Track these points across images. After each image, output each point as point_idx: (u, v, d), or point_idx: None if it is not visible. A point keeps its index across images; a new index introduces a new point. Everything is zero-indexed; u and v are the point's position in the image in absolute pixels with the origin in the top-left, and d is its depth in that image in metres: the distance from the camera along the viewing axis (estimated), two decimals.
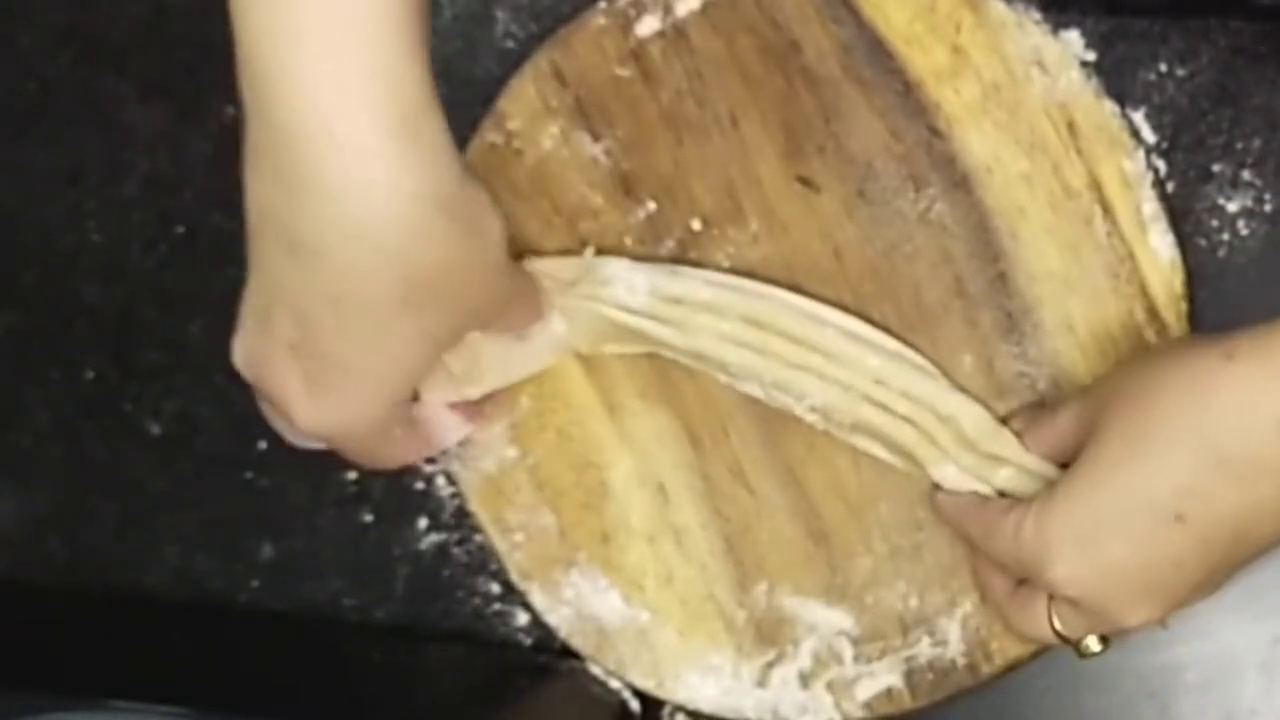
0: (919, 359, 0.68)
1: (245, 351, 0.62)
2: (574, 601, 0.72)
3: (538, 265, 0.69)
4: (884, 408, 0.67)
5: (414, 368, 0.61)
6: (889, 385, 0.67)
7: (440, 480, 0.74)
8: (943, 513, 0.67)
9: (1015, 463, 0.66)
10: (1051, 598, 0.62)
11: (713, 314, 0.68)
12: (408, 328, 0.59)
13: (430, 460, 0.74)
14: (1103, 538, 0.59)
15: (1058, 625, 0.62)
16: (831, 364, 0.67)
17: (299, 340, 0.59)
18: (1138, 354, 0.66)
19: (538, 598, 0.72)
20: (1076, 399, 0.64)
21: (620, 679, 0.72)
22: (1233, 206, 0.69)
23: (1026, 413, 0.67)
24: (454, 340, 0.62)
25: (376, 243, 0.56)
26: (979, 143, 0.69)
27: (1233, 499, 0.58)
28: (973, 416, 0.67)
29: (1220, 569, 0.60)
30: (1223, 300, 0.68)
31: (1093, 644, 0.63)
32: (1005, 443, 0.66)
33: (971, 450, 0.66)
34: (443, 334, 0.60)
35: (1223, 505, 0.58)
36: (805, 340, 0.67)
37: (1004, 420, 0.67)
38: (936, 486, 0.67)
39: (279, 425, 0.66)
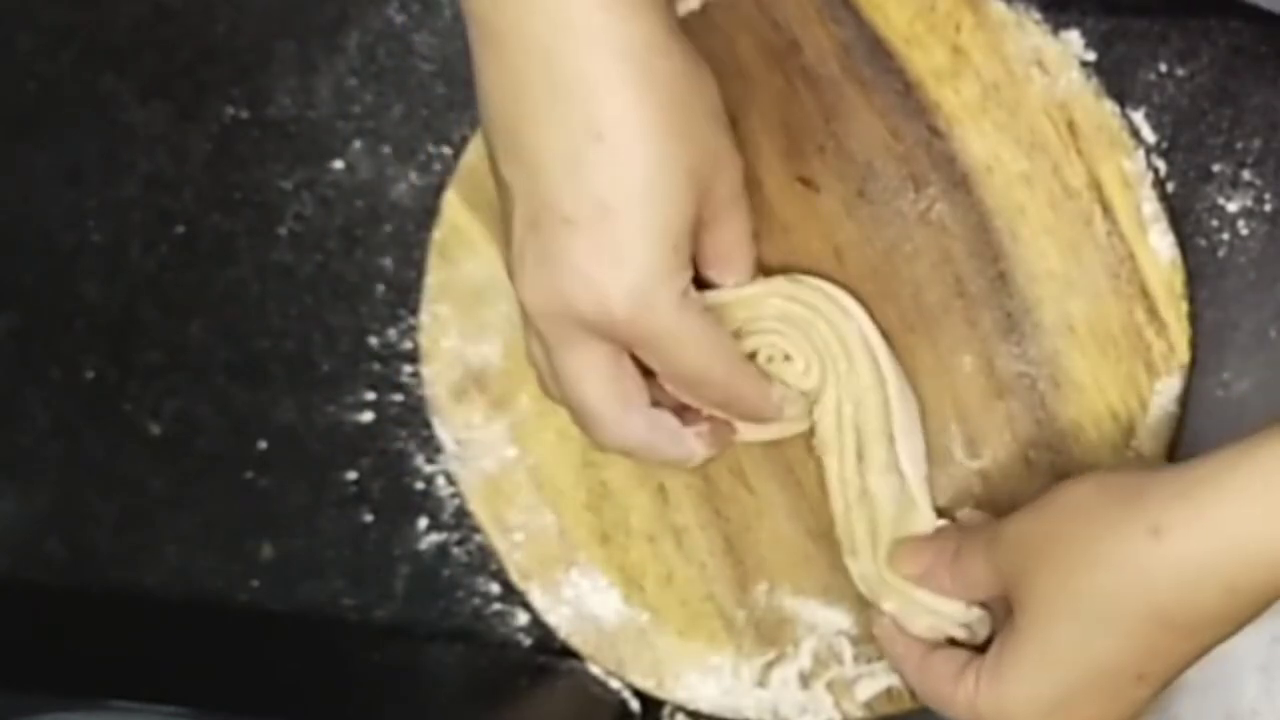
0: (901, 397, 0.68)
1: (536, 285, 0.61)
2: (574, 601, 0.72)
3: None
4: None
5: (680, 203, 0.60)
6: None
7: (440, 480, 0.74)
8: (880, 642, 0.67)
9: (903, 595, 0.66)
10: None
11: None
12: (667, 152, 0.59)
13: (430, 460, 0.74)
14: (1073, 705, 0.60)
15: None
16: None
17: (573, 208, 0.59)
18: (1043, 500, 0.62)
19: (538, 598, 0.72)
20: (983, 543, 0.63)
21: (620, 679, 0.72)
22: (1233, 206, 0.69)
23: (923, 546, 0.66)
24: (699, 181, 0.60)
25: (626, 58, 0.58)
26: (979, 143, 0.69)
27: (1185, 651, 0.59)
28: (889, 509, 0.67)
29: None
30: (1223, 300, 0.69)
31: None
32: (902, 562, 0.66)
33: (874, 551, 0.67)
34: (694, 163, 0.60)
35: (1179, 657, 0.59)
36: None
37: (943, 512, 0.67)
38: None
39: (601, 420, 0.63)
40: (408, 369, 0.74)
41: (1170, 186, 0.69)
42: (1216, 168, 0.69)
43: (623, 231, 0.59)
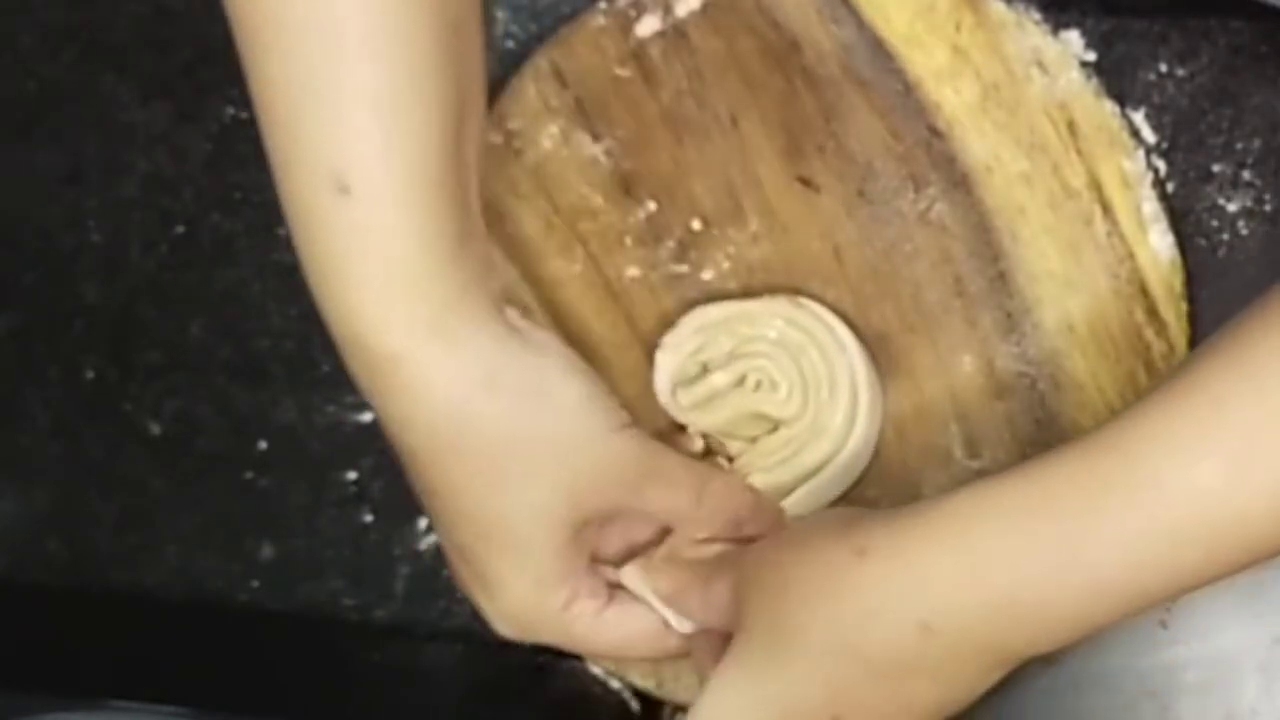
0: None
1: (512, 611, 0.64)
2: None
3: None
4: None
5: (542, 540, 0.61)
6: None
7: None
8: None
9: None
10: None
11: None
12: (510, 504, 0.61)
13: None
14: None
15: None
16: None
17: (450, 546, 0.63)
18: (784, 531, 0.63)
19: None
20: (730, 567, 0.61)
21: (620, 679, 0.72)
22: (1233, 206, 0.69)
23: (682, 566, 0.64)
24: (576, 513, 0.61)
25: (436, 437, 0.60)
26: (979, 143, 0.69)
27: (883, 699, 0.56)
28: None
29: None
30: (1223, 300, 0.68)
31: None
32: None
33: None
34: (554, 508, 0.61)
35: (875, 706, 0.56)
36: None
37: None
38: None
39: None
40: None
41: (1170, 186, 0.69)
42: (1216, 168, 0.69)
43: (486, 566, 0.62)
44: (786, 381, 0.67)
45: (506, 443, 0.60)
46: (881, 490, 0.69)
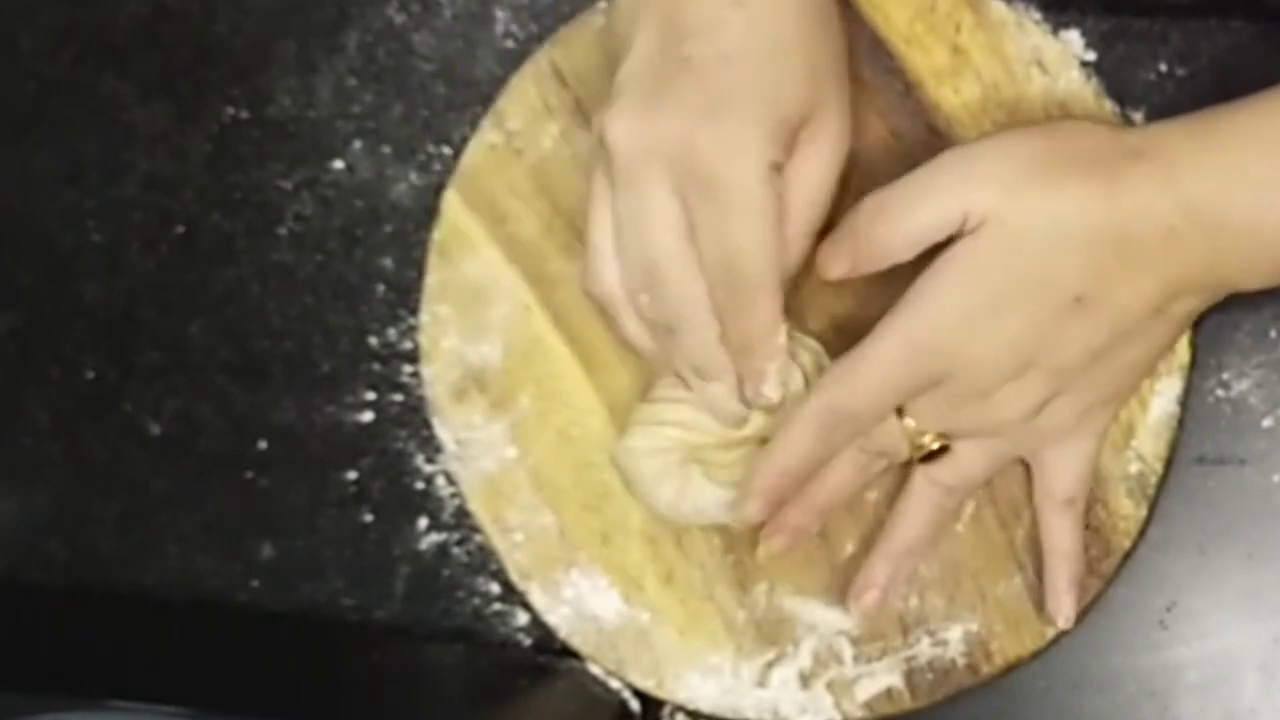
0: None
1: (627, 116, 0.63)
2: (574, 601, 0.72)
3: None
4: None
5: (793, 86, 0.63)
6: None
7: (440, 480, 0.74)
8: None
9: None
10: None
11: None
12: (796, 36, 0.63)
13: (430, 460, 0.74)
14: (1002, 312, 0.61)
15: (907, 419, 0.64)
16: None
17: (696, 51, 0.62)
18: (1036, 126, 0.66)
19: (538, 598, 0.72)
20: (930, 193, 0.63)
21: (620, 679, 0.72)
22: None
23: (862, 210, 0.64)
24: (809, 93, 0.63)
25: None
26: None
27: (1125, 287, 0.60)
28: None
29: (1103, 365, 0.62)
30: (1223, 300, 0.68)
31: (929, 441, 0.64)
32: None
33: None
34: (812, 69, 0.63)
35: (1121, 290, 0.60)
36: None
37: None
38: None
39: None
40: (408, 369, 0.74)
41: None
42: None
43: (735, 84, 0.61)
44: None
45: (822, 17, 0.64)
46: (879, 486, 0.70)
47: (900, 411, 0.64)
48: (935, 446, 0.65)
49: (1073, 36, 0.69)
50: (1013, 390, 0.62)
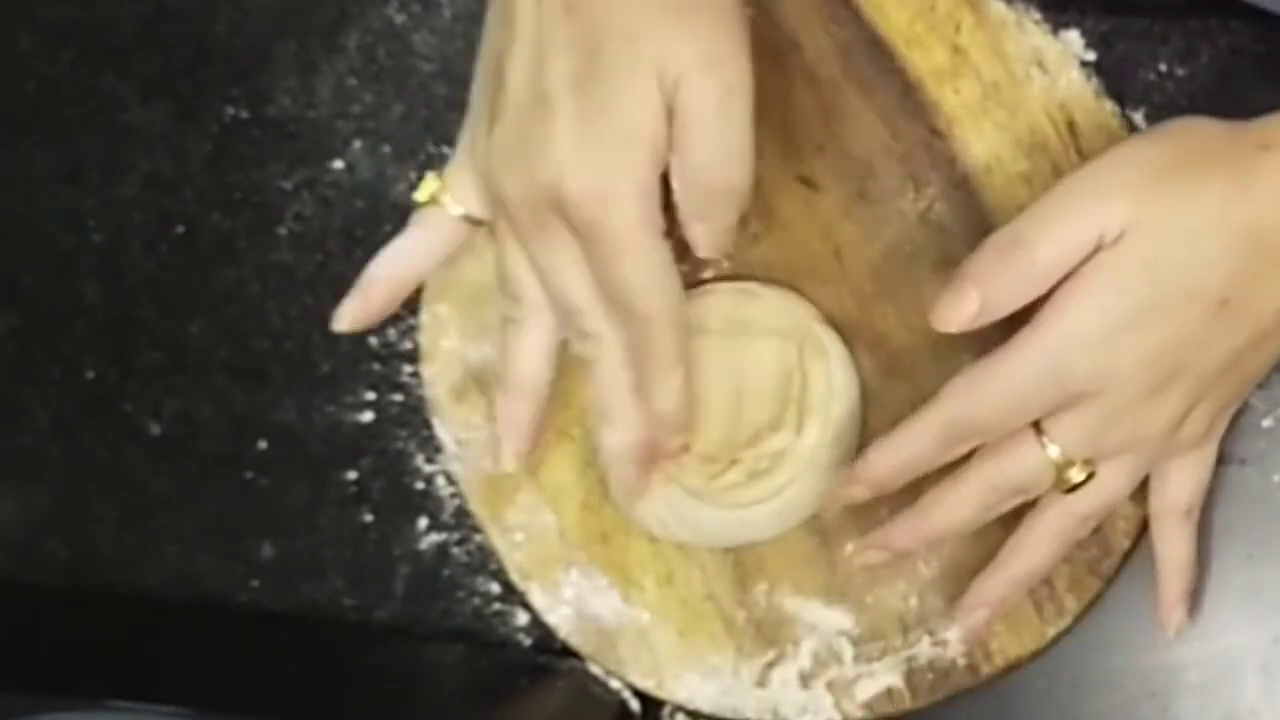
0: None
1: (489, 149, 0.62)
2: (574, 601, 0.72)
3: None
4: None
5: (630, 88, 0.60)
6: None
7: (440, 480, 0.74)
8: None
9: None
10: (1039, 427, 0.61)
11: None
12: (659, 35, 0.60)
13: (430, 460, 0.74)
14: (1147, 322, 0.58)
15: (1051, 448, 0.61)
16: None
17: (577, 70, 0.60)
18: (1155, 130, 0.63)
19: (538, 598, 0.72)
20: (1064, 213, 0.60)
21: (620, 679, 0.72)
22: None
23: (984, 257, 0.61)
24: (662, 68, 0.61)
25: None
26: (979, 143, 0.69)
27: (1266, 285, 0.59)
28: None
29: (1239, 368, 0.61)
30: None
31: (1075, 474, 0.61)
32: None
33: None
34: (656, 50, 0.60)
35: (1261, 288, 0.59)
36: None
37: None
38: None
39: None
40: (408, 369, 0.74)
41: None
42: None
43: (590, 111, 0.60)
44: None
45: None
46: None
47: (1041, 441, 0.61)
48: (1081, 478, 0.62)
49: (1073, 36, 0.69)
50: (1158, 402, 0.60)
